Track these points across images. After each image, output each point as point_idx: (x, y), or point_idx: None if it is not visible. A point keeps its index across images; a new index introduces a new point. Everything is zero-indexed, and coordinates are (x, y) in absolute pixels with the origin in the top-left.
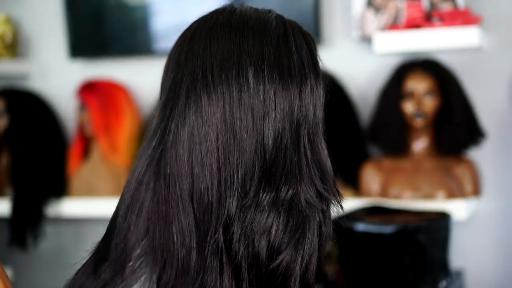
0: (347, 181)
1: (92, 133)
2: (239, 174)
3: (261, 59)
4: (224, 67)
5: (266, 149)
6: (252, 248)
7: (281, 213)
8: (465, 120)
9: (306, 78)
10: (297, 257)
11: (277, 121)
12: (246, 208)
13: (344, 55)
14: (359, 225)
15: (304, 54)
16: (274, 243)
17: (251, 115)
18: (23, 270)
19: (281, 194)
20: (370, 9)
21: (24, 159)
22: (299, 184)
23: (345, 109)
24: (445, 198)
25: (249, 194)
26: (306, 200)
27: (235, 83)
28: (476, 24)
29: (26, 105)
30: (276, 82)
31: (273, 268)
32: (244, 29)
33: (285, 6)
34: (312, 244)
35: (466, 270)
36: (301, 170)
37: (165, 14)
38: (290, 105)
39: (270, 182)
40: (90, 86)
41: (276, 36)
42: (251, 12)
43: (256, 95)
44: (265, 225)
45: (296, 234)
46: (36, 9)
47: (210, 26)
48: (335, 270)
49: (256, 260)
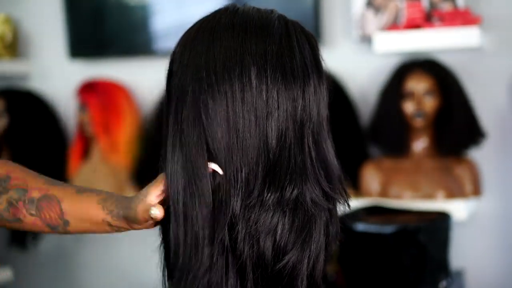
0: (347, 181)
1: (92, 133)
2: (242, 173)
3: (264, 59)
4: (227, 67)
5: (269, 149)
6: (257, 248)
7: (287, 213)
8: (465, 120)
9: (309, 78)
10: (304, 257)
11: (281, 121)
12: (251, 207)
13: (344, 55)
14: (359, 225)
15: (306, 54)
16: (280, 243)
17: (254, 114)
18: (22, 270)
19: (286, 194)
20: (370, 9)
21: (24, 159)
22: (304, 184)
23: (345, 109)
24: (445, 198)
25: (253, 193)
26: (311, 200)
27: (238, 82)
28: (476, 24)
29: (26, 105)
30: (279, 82)
31: (279, 268)
32: (247, 29)
33: (285, 6)
34: (319, 244)
35: (466, 270)
36: (306, 170)
37: (165, 14)
38: (293, 105)
39: (274, 181)
40: (90, 86)
41: (279, 36)
42: (254, 12)
43: (259, 94)
44: (270, 224)
45: (303, 233)
46: (36, 9)
47: (213, 26)
48: (335, 270)
49: (262, 260)
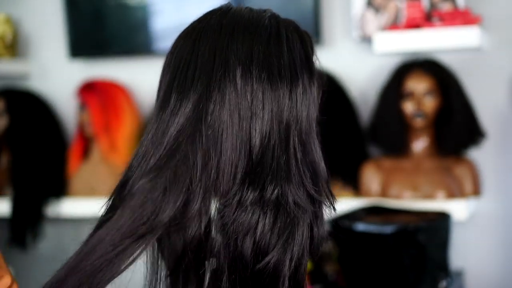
0: (347, 181)
1: (92, 133)
2: (220, 173)
3: (250, 59)
4: (209, 68)
5: (252, 149)
6: (235, 248)
7: (268, 213)
8: (465, 120)
9: (297, 78)
10: (286, 258)
11: (265, 121)
12: (226, 207)
13: (344, 55)
14: (359, 225)
15: (296, 54)
16: (260, 243)
17: (238, 115)
18: (22, 270)
19: (267, 194)
20: (370, 9)
21: (24, 159)
22: (287, 184)
23: (345, 109)
24: (445, 198)
25: (229, 193)
26: (294, 201)
27: (221, 83)
28: (476, 24)
29: (26, 105)
30: (265, 82)
31: (260, 268)
32: (234, 29)
33: (285, 6)
34: (302, 246)
35: (466, 270)
36: (290, 171)
37: (165, 14)
38: (279, 106)
39: (254, 181)
40: (90, 86)
41: (267, 36)
42: (245, 12)
43: (244, 95)
44: (249, 224)
45: (284, 234)
46: (36, 9)
47: (202, 27)
48: (335, 270)
49: (240, 260)
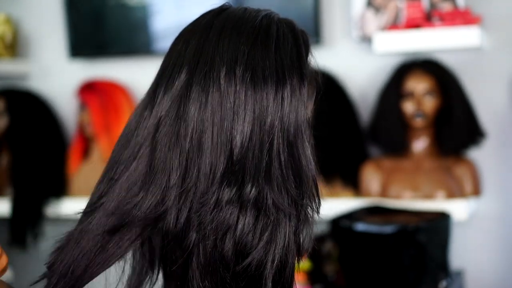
0: (347, 181)
1: (92, 133)
2: (200, 172)
3: (235, 59)
4: (194, 67)
5: (233, 150)
6: (215, 248)
7: (247, 213)
8: (465, 120)
9: (285, 79)
10: (267, 260)
11: (246, 123)
12: (204, 206)
13: (344, 55)
14: (359, 225)
15: (286, 54)
16: (241, 244)
17: (220, 115)
18: (22, 270)
19: (245, 194)
20: (370, 9)
21: (24, 159)
22: (267, 186)
23: (345, 109)
24: (445, 198)
25: (208, 193)
26: (274, 203)
27: (204, 84)
28: (476, 24)
29: (26, 105)
30: (248, 83)
31: (241, 270)
32: (222, 29)
33: (285, 6)
34: (285, 248)
35: (466, 270)
36: (270, 173)
37: (165, 14)
38: (261, 107)
39: (231, 181)
40: (90, 86)
41: (255, 36)
42: (239, 12)
43: (226, 96)
44: (227, 224)
45: (264, 236)
46: (36, 9)
47: (194, 27)
48: (335, 270)
49: (221, 261)
